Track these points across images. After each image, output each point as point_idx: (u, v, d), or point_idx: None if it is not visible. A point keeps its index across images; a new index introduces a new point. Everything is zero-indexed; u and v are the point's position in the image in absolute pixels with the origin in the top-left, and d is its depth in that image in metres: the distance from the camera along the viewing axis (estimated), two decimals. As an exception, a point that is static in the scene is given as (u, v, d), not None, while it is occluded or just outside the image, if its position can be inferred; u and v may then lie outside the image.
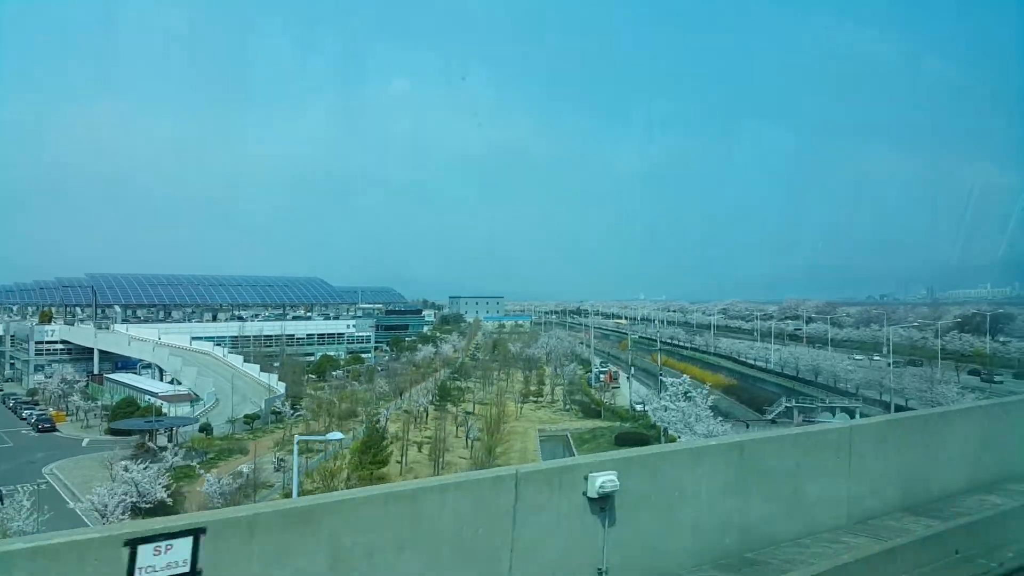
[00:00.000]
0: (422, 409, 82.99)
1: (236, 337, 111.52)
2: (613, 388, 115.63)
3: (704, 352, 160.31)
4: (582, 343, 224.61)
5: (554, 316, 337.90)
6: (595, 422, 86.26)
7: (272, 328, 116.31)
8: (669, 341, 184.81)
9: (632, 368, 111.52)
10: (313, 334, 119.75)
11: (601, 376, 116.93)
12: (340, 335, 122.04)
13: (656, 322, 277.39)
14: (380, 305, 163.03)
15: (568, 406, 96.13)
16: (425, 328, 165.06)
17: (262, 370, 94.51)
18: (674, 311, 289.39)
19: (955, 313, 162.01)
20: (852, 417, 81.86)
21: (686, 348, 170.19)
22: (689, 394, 66.48)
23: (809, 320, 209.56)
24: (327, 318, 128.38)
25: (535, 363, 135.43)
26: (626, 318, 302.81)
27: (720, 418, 70.07)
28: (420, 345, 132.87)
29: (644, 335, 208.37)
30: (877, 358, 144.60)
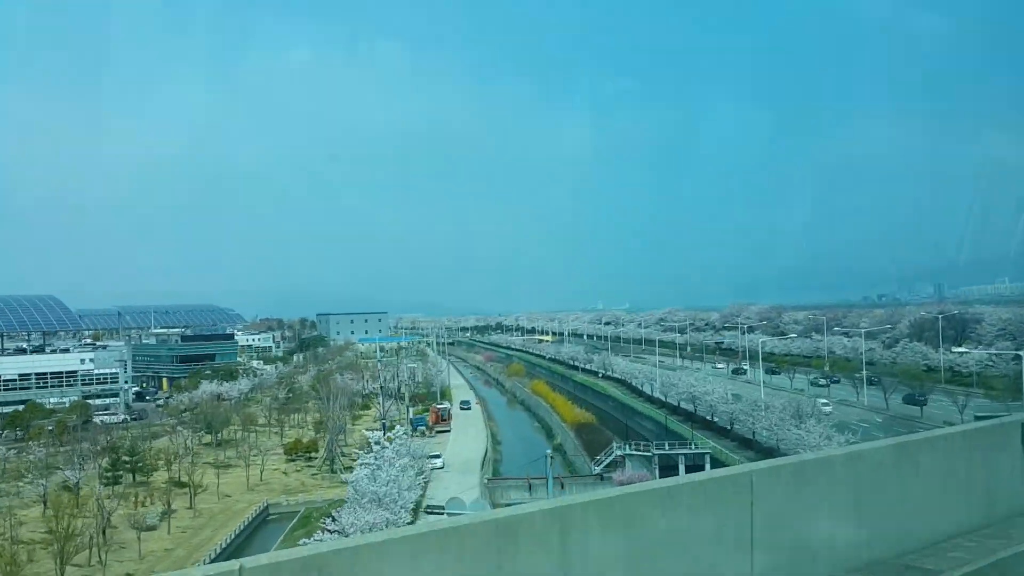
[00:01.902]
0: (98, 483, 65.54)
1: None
2: (440, 432, 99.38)
3: (595, 374, 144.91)
4: (478, 368, 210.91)
5: (466, 334, 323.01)
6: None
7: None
8: (567, 362, 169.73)
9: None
10: (29, 374, 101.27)
11: (420, 423, 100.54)
12: (72, 373, 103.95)
13: (585, 336, 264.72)
14: (180, 329, 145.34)
15: (335, 464, 79.49)
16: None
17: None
18: (607, 323, 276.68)
19: (914, 316, 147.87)
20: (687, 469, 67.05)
21: (581, 370, 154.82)
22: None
23: (749, 329, 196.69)
24: (64, 351, 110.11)
25: (362, 400, 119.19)
26: (552, 333, 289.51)
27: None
28: (212, 382, 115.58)
29: (553, 356, 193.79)
30: (776, 377, 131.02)
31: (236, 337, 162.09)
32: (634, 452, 73.47)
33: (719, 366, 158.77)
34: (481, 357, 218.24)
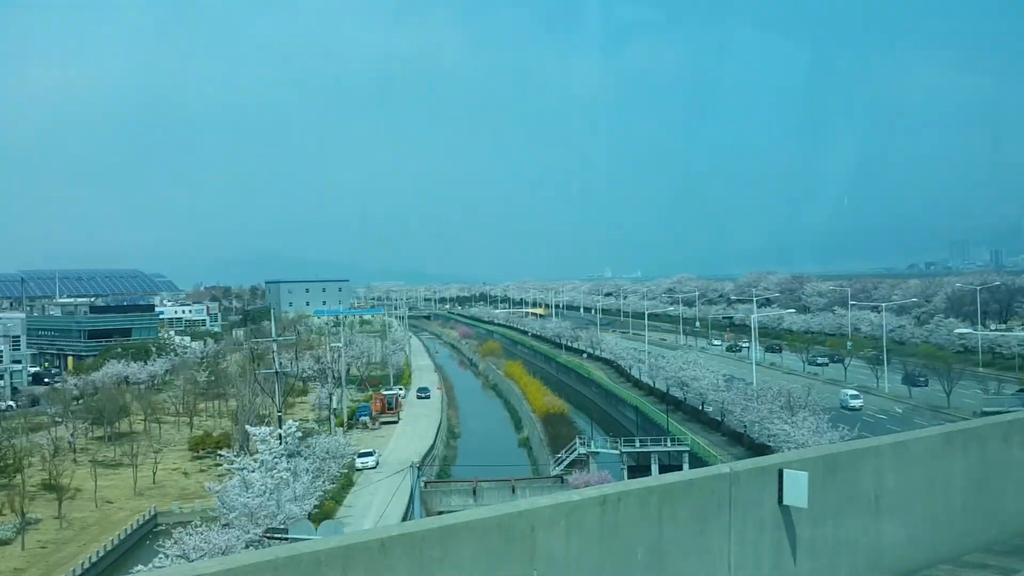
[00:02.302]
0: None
1: None
2: (386, 423, 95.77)
3: (581, 354, 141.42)
4: (452, 346, 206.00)
5: (446, 305, 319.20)
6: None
7: None
8: (553, 340, 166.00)
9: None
10: None
11: (363, 413, 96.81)
12: None
13: (581, 309, 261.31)
14: (91, 299, 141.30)
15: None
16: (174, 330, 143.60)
17: None
18: (608, 294, 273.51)
19: (952, 288, 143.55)
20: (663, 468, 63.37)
21: (566, 349, 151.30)
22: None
23: (766, 302, 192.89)
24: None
25: (303, 384, 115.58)
26: (544, 305, 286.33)
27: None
28: (121, 361, 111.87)
29: (538, 332, 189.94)
30: (788, 359, 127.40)
31: (165, 308, 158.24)
32: (599, 449, 69.53)
33: (715, 343, 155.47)
34: (456, 333, 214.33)
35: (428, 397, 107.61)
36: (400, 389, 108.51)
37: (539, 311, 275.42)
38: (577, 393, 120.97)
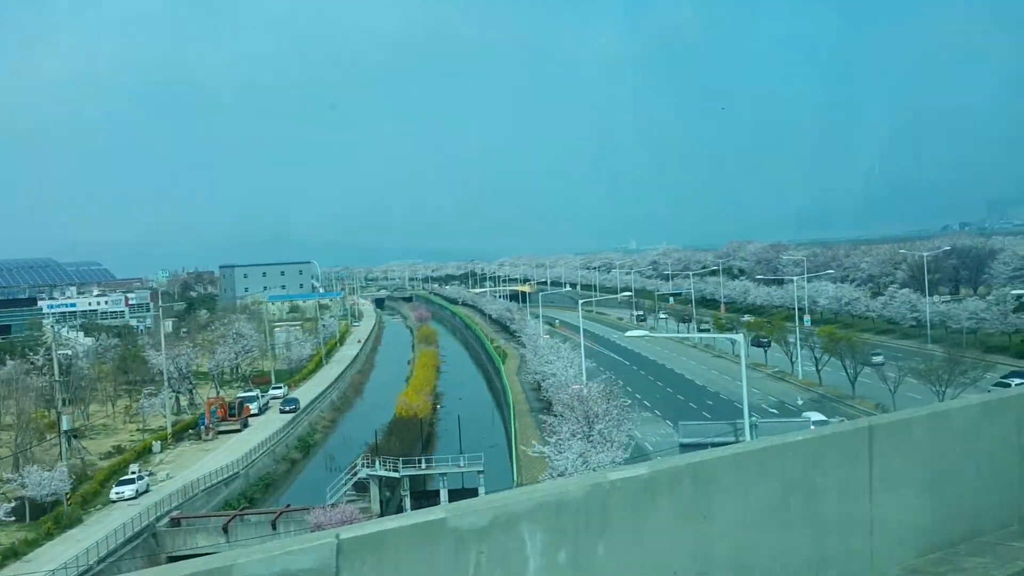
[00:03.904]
0: None
1: None
2: (226, 432, 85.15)
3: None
4: (411, 330, 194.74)
5: (434, 284, 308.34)
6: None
7: None
8: (500, 321, 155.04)
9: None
10: None
11: (203, 419, 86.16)
12: None
13: (567, 285, 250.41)
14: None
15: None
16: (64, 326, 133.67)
17: None
18: (597, 267, 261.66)
19: (919, 254, 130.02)
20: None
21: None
22: None
23: (740, 272, 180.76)
24: None
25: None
26: (532, 282, 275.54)
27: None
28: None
29: (495, 314, 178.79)
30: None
31: (77, 301, 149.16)
32: (378, 472, 58.24)
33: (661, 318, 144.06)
34: (414, 316, 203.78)
35: (295, 410, 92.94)
36: (255, 391, 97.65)
37: (527, 288, 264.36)
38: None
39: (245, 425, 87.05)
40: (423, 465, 57.96)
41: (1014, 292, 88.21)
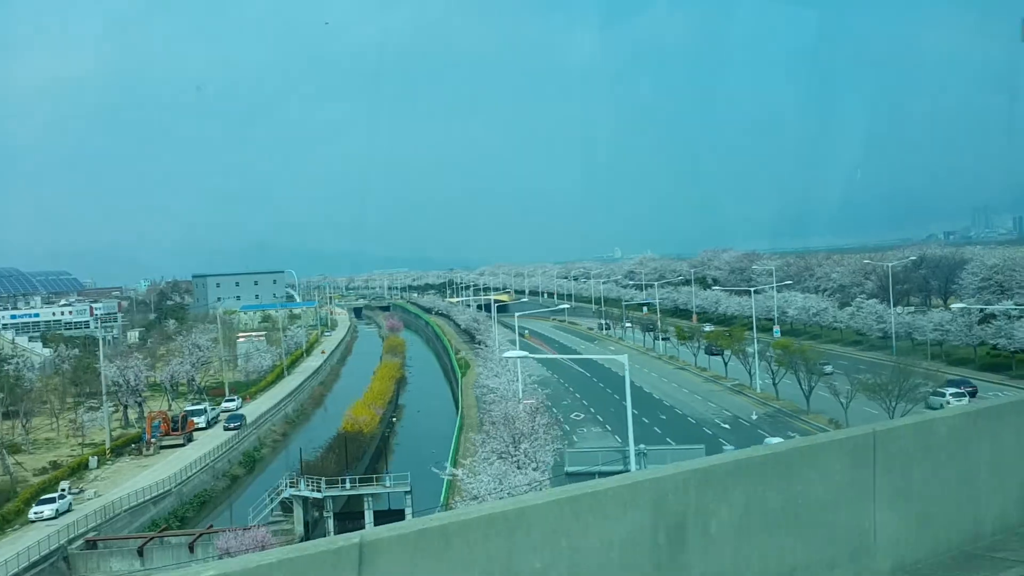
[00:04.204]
0: None
1: None
2: (169, 447, 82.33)
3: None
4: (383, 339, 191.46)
5: (400, 294, 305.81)
6: None
7: None
8: (467, 332, 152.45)
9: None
10: None
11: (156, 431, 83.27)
12: None
13: (544, 294, 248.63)
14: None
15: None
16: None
17: None
18: (575, 277, 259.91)
19: (891, 262, 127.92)
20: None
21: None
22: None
23: (714, 282, 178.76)
24: None
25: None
26: (509, 291, 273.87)
27: None
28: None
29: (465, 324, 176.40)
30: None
31: (41, 311, 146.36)
32: (301, 493, 55.71)
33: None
34: (387, 325, 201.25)
35: (239, 427, 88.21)
36: (204, 404, 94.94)
37: (504, 297, 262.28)
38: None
39: (190, 440, 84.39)
40: (347, 485, 55.45)
41: (956, 306, 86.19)
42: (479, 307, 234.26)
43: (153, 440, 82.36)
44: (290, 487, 56.94)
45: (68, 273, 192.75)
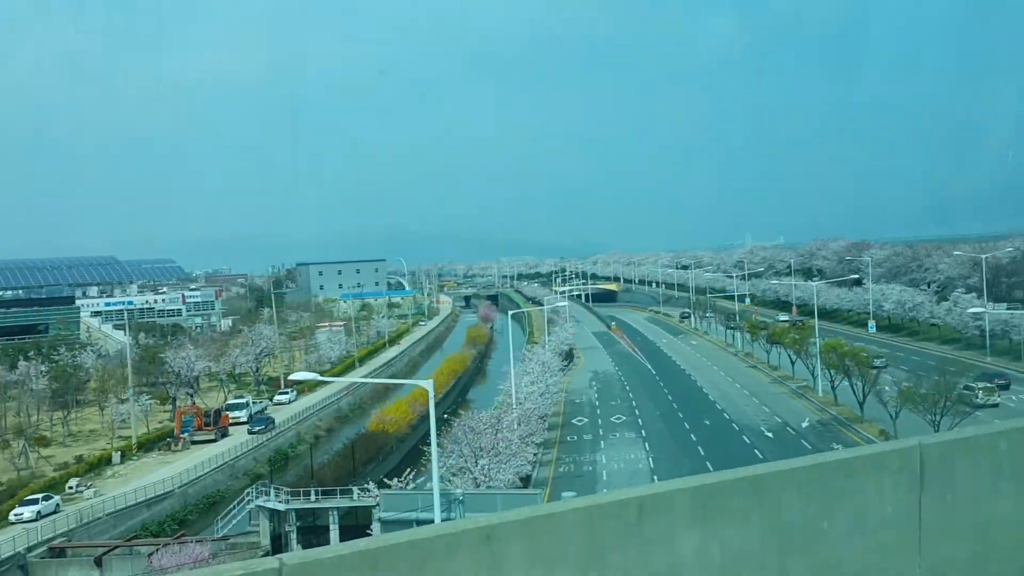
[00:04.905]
0: None
1: None
2: (200, 442, 79.65)
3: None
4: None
5: (510, 282, 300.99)
6: None
7: None
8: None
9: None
10: None
11: (187, 428, 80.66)
12: None
13: (652, 284, 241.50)
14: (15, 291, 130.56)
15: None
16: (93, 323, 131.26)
17: None
18: (683, 266, 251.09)
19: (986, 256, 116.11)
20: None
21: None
22: None
23: (818, 272, 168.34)
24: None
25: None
26: (619, 280, 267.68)
27: None
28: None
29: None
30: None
31: (135, 299, 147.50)
32: (268, 505, 51.24)
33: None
34: (480, 314, 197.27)
35: (264, 430, 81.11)
36: (246, 398, 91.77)
37: (612, 286, 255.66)
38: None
39: (224, 435, 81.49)
40: (312, 497, 50.80)
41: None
42: (583, 297, 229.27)
43: (184, 436, 79.75)
44: (259, 496, 52.65)
45: (172, 261, 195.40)
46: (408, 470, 53.35)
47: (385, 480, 50.07)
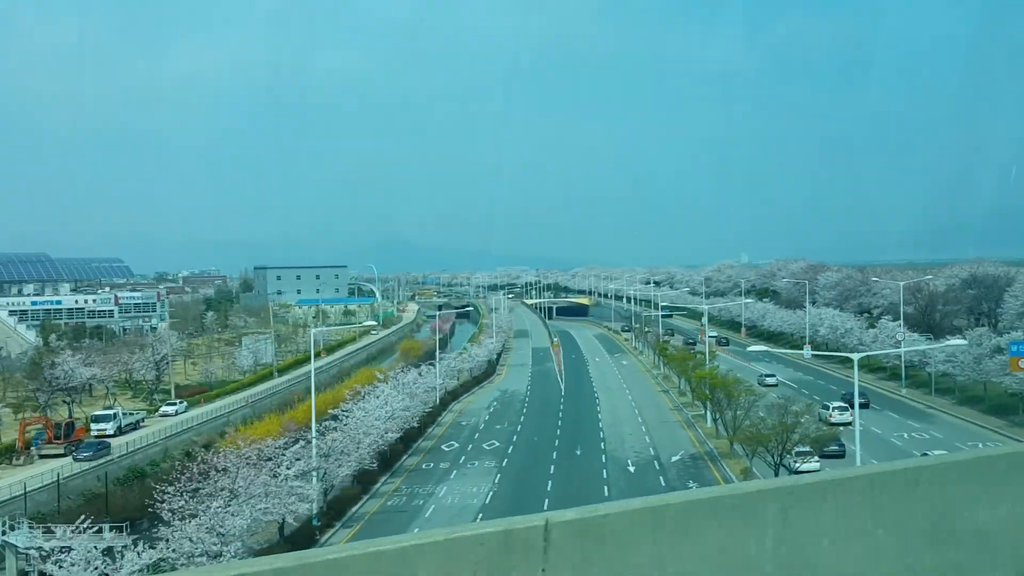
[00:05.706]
0: None
1: None
2: (48, 456, 73.22)
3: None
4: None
5: (485, 292, 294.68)
6: None
7: None
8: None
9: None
10: None
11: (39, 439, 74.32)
12: None
13: (622, 299, 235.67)
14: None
15: None
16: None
17: None
18: (656, 282, 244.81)
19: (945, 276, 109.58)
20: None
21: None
22: None
23: (773, 293, 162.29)
24: None
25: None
26: (592, 294, 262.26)
27: None
28: None
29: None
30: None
31: (63, 299, 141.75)
32: (10, 540, 44.72)
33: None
34: (430, 326, 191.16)
35: (91, 457, 70.22)
36: (116, 409, 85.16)
37: (584, 300, 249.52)
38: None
39: (76, 448, 74.90)
40: (65, 533, 44.45)
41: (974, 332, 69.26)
42: (550, 310, 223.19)
43: (32, 449, 73.39)
44: (12, 532, 46.23)
45: (120, 260, 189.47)
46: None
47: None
